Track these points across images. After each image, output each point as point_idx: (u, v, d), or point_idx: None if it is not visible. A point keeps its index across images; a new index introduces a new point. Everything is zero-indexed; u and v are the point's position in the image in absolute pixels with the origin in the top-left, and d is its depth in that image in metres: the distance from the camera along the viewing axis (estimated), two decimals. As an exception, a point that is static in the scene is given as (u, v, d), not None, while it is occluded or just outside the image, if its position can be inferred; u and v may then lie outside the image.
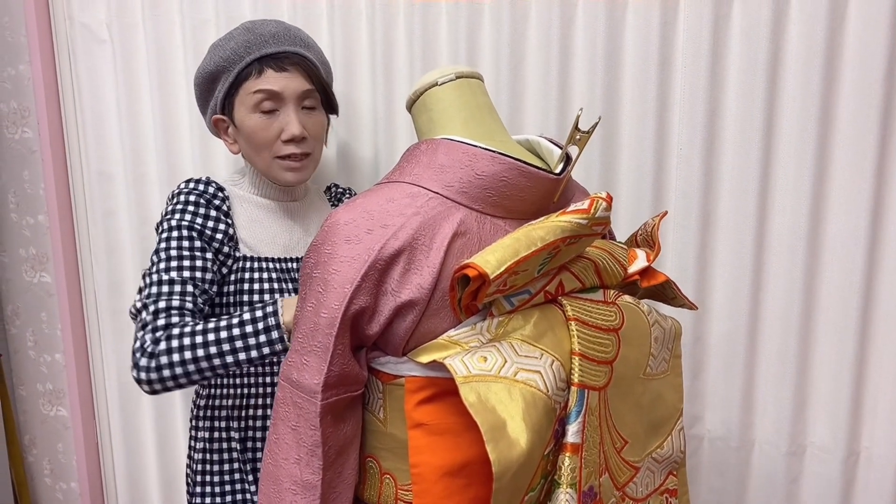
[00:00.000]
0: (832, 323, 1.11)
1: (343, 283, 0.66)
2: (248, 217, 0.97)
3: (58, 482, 1.55)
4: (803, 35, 1.05)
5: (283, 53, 0.91)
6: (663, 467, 0.79)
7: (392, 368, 0.71)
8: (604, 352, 0.70)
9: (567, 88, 1.14)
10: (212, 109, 0.95)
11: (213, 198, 0.93)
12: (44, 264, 1.45)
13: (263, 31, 0.91)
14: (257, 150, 0.93)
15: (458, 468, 0.65)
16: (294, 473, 0.68)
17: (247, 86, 0.90)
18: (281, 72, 0.90)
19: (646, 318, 0.76)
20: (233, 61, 0.91)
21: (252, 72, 0.90)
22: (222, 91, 0.92)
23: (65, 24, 1.32)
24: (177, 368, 0.80)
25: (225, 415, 0.97)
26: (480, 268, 0.61)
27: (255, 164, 0.96)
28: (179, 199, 0.92)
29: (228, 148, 0.97)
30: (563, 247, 0.67)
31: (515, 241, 0.64)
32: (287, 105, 0.91)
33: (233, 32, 0.93)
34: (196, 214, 0.90)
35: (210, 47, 0.95)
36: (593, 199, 0.67)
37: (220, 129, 0.96)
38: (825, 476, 1.15)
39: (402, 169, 0.74)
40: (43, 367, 1.50)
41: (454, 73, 0.78)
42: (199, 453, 0.98)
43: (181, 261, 0.87)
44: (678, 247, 1.16)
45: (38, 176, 1.41)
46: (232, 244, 0.93)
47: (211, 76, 0.93)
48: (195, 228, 0.89)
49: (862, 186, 1.06)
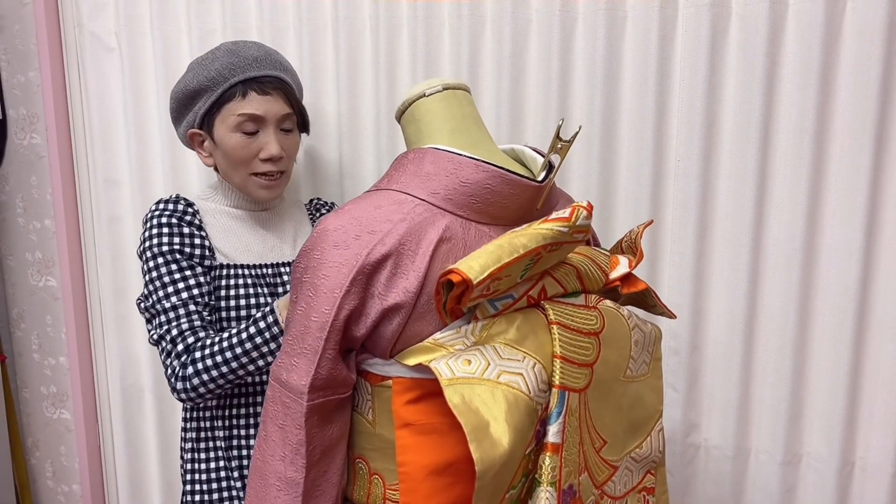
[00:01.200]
0: (828, 332, 1.12)
1: (332, 288, 0.68)
2: (222, 227, 1.01)
3: (60, 484, 1.56)
4: (800, 48, 1.07)
5: (266, 77, 0.95)
6: (641, 466, 0.81)
7: (379, 370, 0.73)
8: (584, 355, 0.71)
9: (567, 99, 1.16)
10: (188, 124, 0.99)
11: (185, 214, 0.97)
12: (49, 268, 1.47)
13: (246, 54, 0.95)
14: (235, 166, 0.97)
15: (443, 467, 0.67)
16: (279, 470, 0.70)
17: (230, 107, 0.94)
18: (263, 95, 0.95)
19: (626, 321, 0.77)
20: (217, 82, 0.94)
21: (236, 94, 0.94)
22: (203, 109, 0.96)
23: (74, 32, 1.35)
24: (209, 385, 0.88)
25: (209, 415, 1.00)
26: (464, 273, 0.63)
27: (231, 179, 1.00)
28: (153, 222, 0.96)
29: (202, 160, 1.01)
30: (545, 253, 0.68)
31: (498, 247, 0.65)
32: (267, 127, 0.96)
33: (216, 53, 0.96)
34: (172, 235, 0.95)
35: (191, 65, 0.98)
36: (574, 207, 0.69)
37: (194, 142, 1.00)
38: (820, 486, 1.15)
39: (390, 177, 0.76)
40: (47, 370, 1.52)
41: (441, 84, 0.80)
42: (188, 452, 1.01)
43: (175, 285, 0.92)
44: (675, 257, 1.17)
45: (46, 181, 1.43)
46: (210, 254, 0.97)
47: (192, 93, 0.96)
48: (174, 250, 0.94)
49: (857, 197, 1.08)
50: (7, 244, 1.51)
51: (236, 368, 0.88)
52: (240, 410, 1.00)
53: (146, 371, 1.43)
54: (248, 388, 0.99)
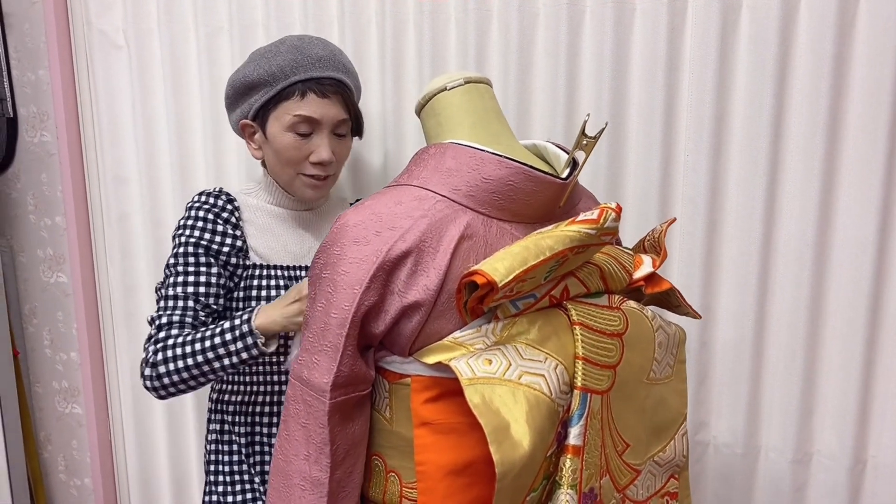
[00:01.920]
0: (839, 329, 1.11)
1: (352, 283, 0.67)
2: (260, 226, 0.99)
3: (72, 478, 1.58)
4: (812, 41, 1.05)
5: (327, 79, 0.93)
6: (665, 471, 0.80)
7: (398, 368, 0.72)
8: (607, 356, 0.70)
9: (575, 94, 1.15)
10: (242, 113, 0.97)
11: (223, 210, 0.97)
12: (60, 265, 1.49)
13: (311, 52, 0.93)
14: (283, 165, 0.96)
15: (462, 467, 0.66)
16: (304, 470, 0.70)
17: (287, 105, 0.92)
18: (322, 98, 0.92)
19: (650, 323, 0.76)
20: (277, 77, 0.92)
21: (294, 92, 0.91)
22: (259, 102, 0.94)
23: (83, 30, 1.35)
24: (174, 376, 0.88)
25: (233, 409, 1.00)
26: (489, 275, 0.62)
27: (278, 176, 0.99)
28: (190, 213, 0.96)
29: (251, 152, 0.99)
30: (571, 255, 0.68)
31: (524, 249, 0.64)
32: (322, 131, 0.94)
33: (280, 47, 0.94)
34: (204, 230, 0.95)
35: (253, 55, 0.95)
36: (603, 209, 0.68)
37: (245, 132, 0.99)
38: (831, 484, 1.14)
39: (411, 172, 0.75)
40: (58, 366, 1.53)
41: (463, 78, 0.79)
42: (211, 444, 1.01)
43: (186, 276, 0.93)
44: (684, 253, 1.16)
45: (56, 178, 1.44)
46: (241, 255, 0.96)
47: (251, 84, 0.94)
48: (202, 245, 0.94)
49: (870, 193, 1.06)
50: (19, 241, 1.52)
51: (201, 363, 0.87)
52: (263, 408, 0.99)
53: (156, 367, 1.44)
54: (272, 387, 0.99)
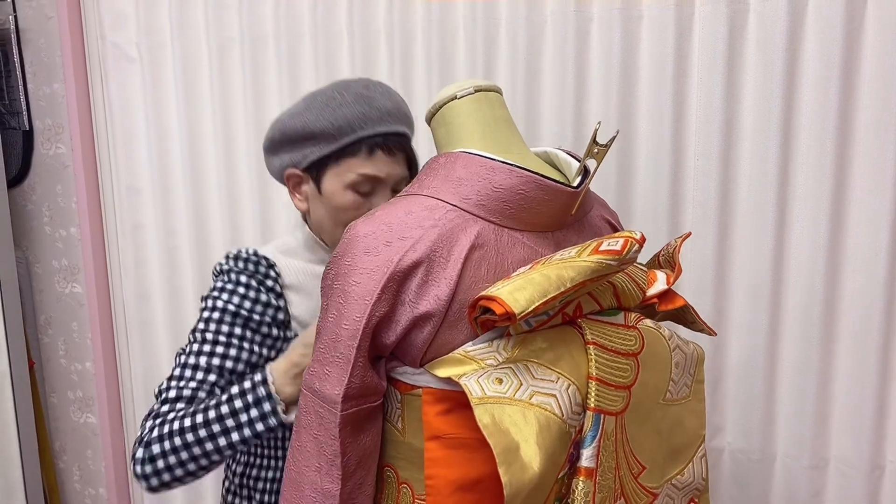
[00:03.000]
0: (854, 333, 1.10)
1: (363, 294, 0.67)
2: (303, 290, 0.89)
3: (87, 488, 1.59)
4: (820, 45, 1.05)
5: (394, 135, 0.85)
6: (684, 494, 0.78)
7: (409, 378, 0.72)
8: (622, 376, 0.69)
9: (583, 101, 1.16)
10: (291, 161, 0.86)
11: (266, 277, 0.86)
12: (75, 275, 1.50)
13: (380, 105, 0.84)
14: (336, 224, 0.86)
15: (471, 483, 0.66)
16: (315, 481, 0.69)
17: (351, 163, 0.83)
18: (389, 156, 0.84)
19: (667, 342, 0.75)
20: (343, 131, 0.82)
21: (361, 149, 0.83)
22: (318, 154, 0.84)
23: (97, 43, 1.37)
24: (169, 458, 0.74)
25: (263, 487, 0.89)
26: (509, 306, 0.61)
27: (325, 234, 0.89)
28: (230, 277, 0.85)
29: (295, 203, 0.90)
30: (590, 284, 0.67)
31: (545, 279, 0.63)
32: (385, 190, 0.85)
33: (344, 96, 0.84)
34: (246, 297, 0.84)
35: (312, 101, 0.84)
36: (627, 240, 0.66)
37: (290, 182, 0.88)
38: (848, 490, 1.13)
39: (421, 182, 0.75)
40: (73, 375, 1.55)
41: (473, 86, 0.79)
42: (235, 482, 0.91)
43: (215, 346, 0.81)
44: (696, 258, 1.15)
45: (71, 190, 1.46)
46: (283, 327, 0.86)
47: (308, 134, 0.83)
48: (241, 314, 0.83)
49: (882, 196, 1.05)
50: (34, 252, 1.54)
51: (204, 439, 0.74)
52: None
53: (169, 376, 1.45)
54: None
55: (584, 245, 0.69)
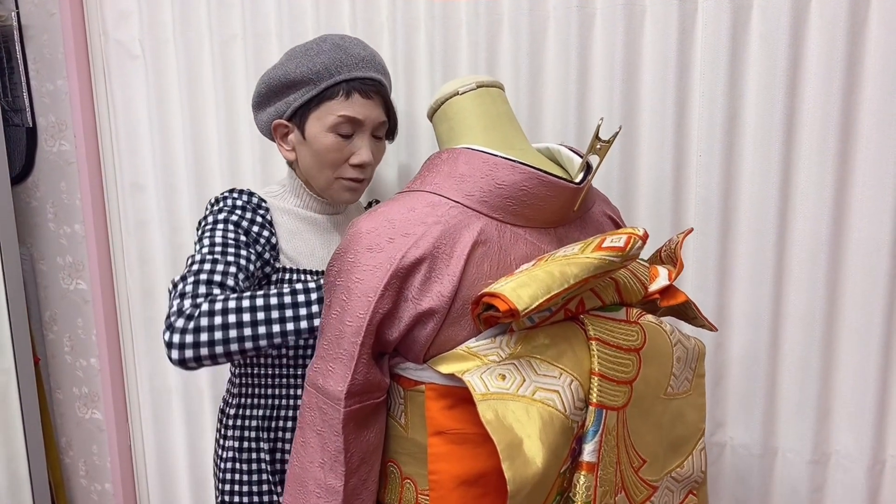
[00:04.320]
0: (855, 328, 1.10)
1: (367, 291, 0.68)
2: (289, 229, 0.97)
3: (93, 483, 1.60)
4: (823, 40, 1.05)
5: (370, 80, 0.91)
6: (683, 486, 0.79)
7: (412, 374, 0.73)
8: (624, 372, 0.70)
9: (586, 97, 1.15)
10: (276, 112, 0.93)
11: (258, 207, 0.93)
12: (79, 272, 1.51)
13: (354, 52, 0.91)
14: (322, 167, 0.93)
15: (475, 478, 0.66)
16: (319, 477, 0.70)
17: (331, 106, 0.89)
18: (366, 98, 0.90)
19: (668, 337, 0.75)
20: (321, 76, 0.89)
21: (339, 92, 0.89)
22: (299, 101, 0.91)
23: (100, 40, 1.37)
24: (217, 333, 0.74)
25: (255, 425, 0.97)
26: (512, 303, 0.61)
27: (313, 179, 0.95)
28: (226, 202, 0.91)
29: (283, 153, 0.96)
30: (593, 280, 0.67)
31: (549, 275, 0.63)
32: (363, 132, 0.92)
33: (322, 46, 0.91)
34: (242, 217, 0.90)
35: (292, 53, 0.92)
36: (630, 236, 0.67)
37: (277, 133, 0.95)
38: (850, 485, 1.13)
39: (423, 178, 0.75)
40: (79, 372, 1.56)
41: (475, 82, 0.79)
42: (227, 462, 0.98)
43: (226, 247, 0.85)
44: (699, 253, 1.16)
45: (75, 187, 1.46)
46: (273, 253, 0.92)
47: (291, 82, 0.90)
48: (241, 226, 0.89)
49: (884, 192, 1.05)
50: (39, 249, 1.55)
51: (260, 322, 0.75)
52: (286, 422, 0.96)
53: (173, 372, 1.46)
54: (295, 400, 0.97)
55: (587, 241, 0.69)
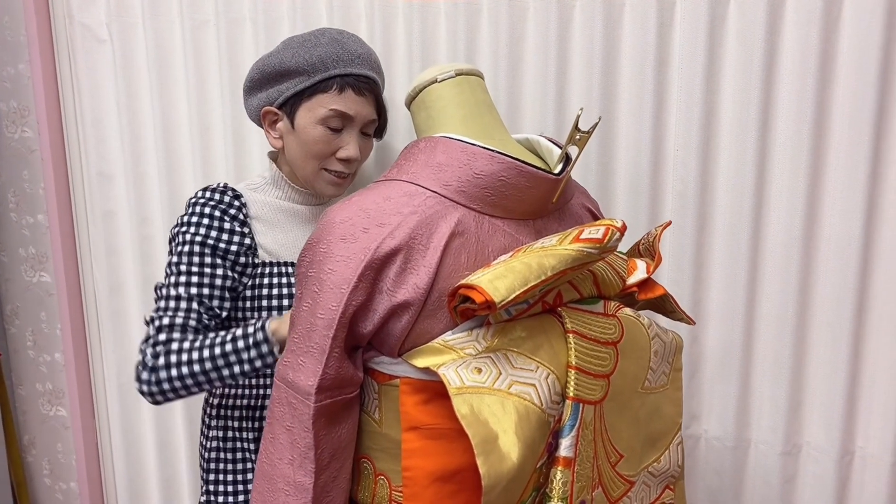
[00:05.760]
0: (827, 323, 1.12)
1: (339, 283, 0.66)
2: (268, 222, 0.97)
3: (57, 482, 1.55)
4: (798, 36, 1.06)
5: (364, 77, 0.93)
6: (660, 481, 0.79)
7: (387, 369, 0.71)
8: (601, 365, 0.69)
9: (564, 89, 1.15)
10: (267, 99, 0.94)
11: (230, 207, 0.94)
12: (43, 264, 1.46)
13: (351, 48, 0.92)
14: (308, 158, 0.94)
15: (449, 474, 0.66)
16: (287, 474, 0.68)
17: (322, 98, 0.91)
18: (359, 95, 0.92)
19: (646, 331, 0.75)
20: (316, 68, 0.90)
21: (333, 86, 0.90)
22: (291, 90, 0.92)
23: (64, 23, 1.32)
24: (175, 382, 0.85)
25: (238, 415, 0.98)
26: (489, 295, 0.60)
27: (298, 169, 0.96)
28: (195, 210, 0.93)
29: (270, 141, 0.97)
30: (570, 272, 0.67)
31: (526, 267, 0.63)
32: (352, 128, 0.93)
33: (320, 39, 0.93)
34: (210, 227, 0.91)
35: (289, 42, 0.94)
36: (608, 228, 0.66)
37: (266, 120, 0.96)
38: (820, 476, 1.15)
39: (400, 167, 0.74)
40: (42, 367, 1.51)
41: (454, 70, 0.78)
42: (212, 452, 0.99)
43: (190, 276, 0.89)
44: (675, 248, 1.16)
45: (38, 175, 1.41)
46: (250, 252, 0.94)
47: (285, 71, 0.91)
48: (208, 244, 0.90)
49: (856, 187, 1.07)
50: (0, 240, 1.49)
51: (209, 370, 0.85)
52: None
53: (142, 367, 1.42)
54: None
55: (564, 233, 0.68)
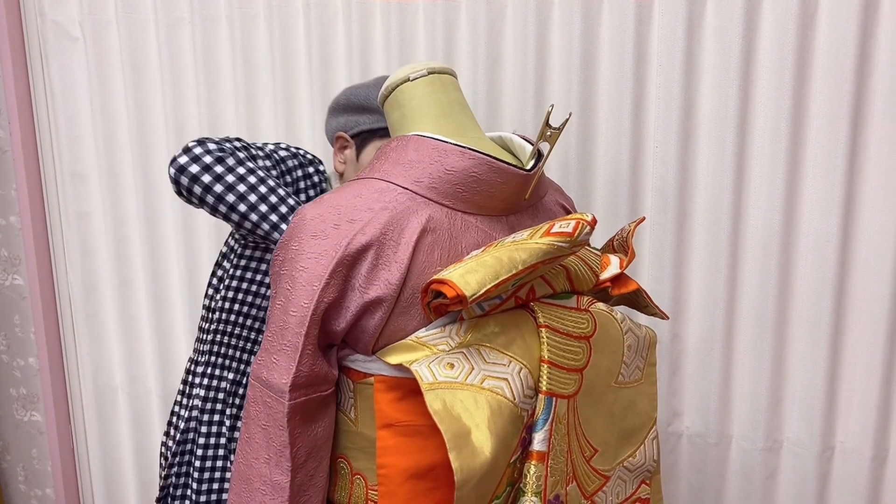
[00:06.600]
0: (806, 319, 1.12)
1: (311, 280, 0.65)
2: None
3: (33, 489, 1.52)
4: (775, 33, 1.06)
5: None
6: (635, 476, 0.79)
7: (361, 366, 0.71)
8: (574, 359, 0.69)
9: (543, 86, 1.15)
10: (344, 126, 0.96)
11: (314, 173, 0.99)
12: (16, 266, 1.43)
13: None
14: None
15: (424, 471, 0.65)
16: (264, 473, 0.68)
17: None
18: None
19: (619, 325, 0.75)
20: None
21: None
22: (367, 126, 0.93)
23: (36, 21, 1.30)
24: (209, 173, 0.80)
25: (223, 386, 0.96)
26: (460, 289, 0.60)
27: None
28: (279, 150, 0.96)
29: (335, 164, 0.99)
30: (542, 266, 0.67)
31: (497, 261, 0.63)
32: None
33: None
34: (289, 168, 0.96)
35: (381, 79, 0.95)
36: (578, 222, 0.66)
37: (337, 143, 0.98)
38: (801, 471, 1.16)
39: (373, 166, 0.74)
40: (16, 372, 1.48)
41: (426, 68, 0.78)
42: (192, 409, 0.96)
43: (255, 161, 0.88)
44: (655, 244, 1.16)
45: (10, 176, 1.39)
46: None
47: (367, 107, 0.93)
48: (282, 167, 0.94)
49: (834, 184, 1.08)
50: (-29, 242, 1.46)
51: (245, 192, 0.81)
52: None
53: (119, 371, 1.40)
54: None
55: (536, 228, 0.68)
